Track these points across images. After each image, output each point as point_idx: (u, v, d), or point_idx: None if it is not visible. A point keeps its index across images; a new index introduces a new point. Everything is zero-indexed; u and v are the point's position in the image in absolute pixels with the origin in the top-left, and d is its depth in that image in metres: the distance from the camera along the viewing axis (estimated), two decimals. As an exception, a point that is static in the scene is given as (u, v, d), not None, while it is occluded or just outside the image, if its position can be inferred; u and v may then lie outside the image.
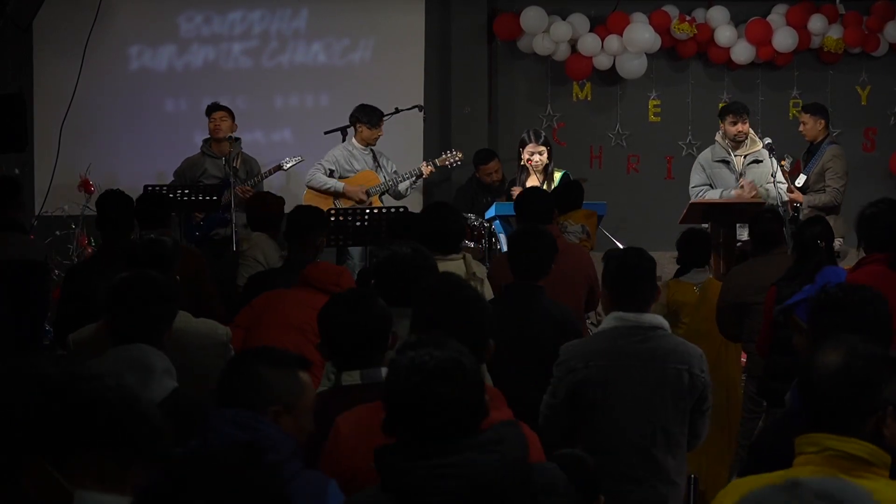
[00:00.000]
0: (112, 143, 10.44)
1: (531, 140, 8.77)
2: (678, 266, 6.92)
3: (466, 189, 10.03)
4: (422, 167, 9.42)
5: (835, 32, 10.98)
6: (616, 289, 4.48)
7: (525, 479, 2.60)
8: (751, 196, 8.58)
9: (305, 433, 3.06)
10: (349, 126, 9.51)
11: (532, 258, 5.33)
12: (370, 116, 9.36)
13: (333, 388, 3.71)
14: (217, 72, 10.68)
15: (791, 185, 8.97)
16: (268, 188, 9.41)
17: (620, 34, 10.70)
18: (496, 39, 10.99)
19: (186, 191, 8.63)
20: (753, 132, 9.03)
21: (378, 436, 3.20)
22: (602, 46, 10.78)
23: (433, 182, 10.47)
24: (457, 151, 9.50)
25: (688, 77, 11.17)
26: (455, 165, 9.53)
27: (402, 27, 10.82)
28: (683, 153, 11.07)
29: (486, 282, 5.91)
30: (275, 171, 9.37)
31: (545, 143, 8.82)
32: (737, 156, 8.92)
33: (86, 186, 9.63)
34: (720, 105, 10.83)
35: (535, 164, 8.67)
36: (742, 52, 10.91)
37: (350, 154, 9.36)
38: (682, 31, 10.78)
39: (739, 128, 8.89)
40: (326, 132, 9.76)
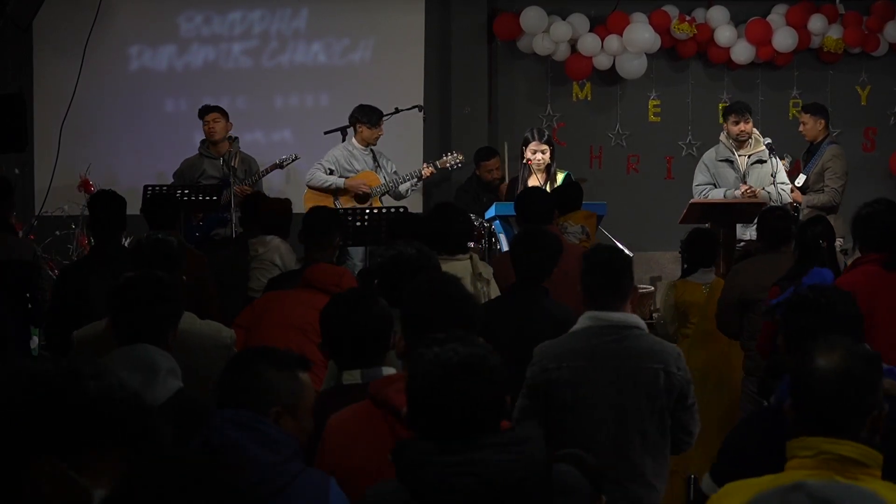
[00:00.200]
0: (112, 143, 10.44)
1: (534, 138, 8.74)
2: (684, 266, 6.91)
3: (466, 189, 10.02)
4: (422, 169, 9.42)
5: (835, 32, 10.98)
6: (590, 288, 4.43)
7: (543, 482, 2.58)
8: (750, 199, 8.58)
9: (306, 433, 3.06)
10: (349, 126, 9.51)
11: (535, 259, 5.33)
12: (370, 116, 9.35)
13: (333, 388, 3.72)
14: (217, 72, 10.68)
15: (792, 185, 8.97)
16: (267, 187, 9.43)
17: (620, 34, 10.70)
18: (496, 39, 10.99)
19: (186, 191, 8.63)
20: (758, 132, 9.02)
21: (367, 434, 3.21)
22: (602, 46, 10.78)
23: (433, 182, 10.47)
24: (458, 153, 9.49)
25: (688, 77, 11.17)
26: (456, 167, 9.52)
27: (402, 27, 10.82)
28: (683, 153, 11.07)
29: (493, 282, 5.91)
30: (273, 169, 9.36)
31: (548, 143, 8.80)
32: (740, 155, 8.91)
33: (86, 186, 9.63)
34: (720, 105, 10.85)
35: (538, 163, 8.65)
36: (742, 52, 10.90)
37: (350, 154, 9.35)
38: (682, 31, 10.77)
39: (742, 127, 8.89)
40: (326, 132, 9.76)
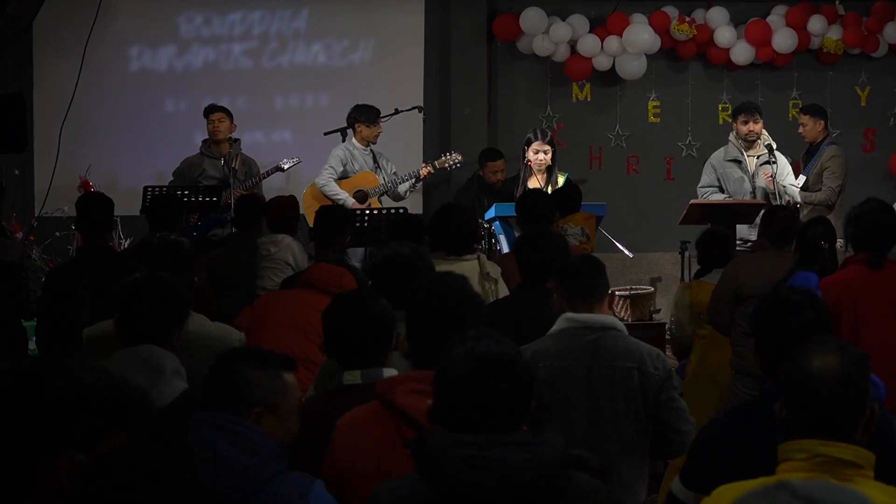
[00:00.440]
0: (112, 144, 10.44)
1: (537, 138, 8.69)
2: (699, 267, 6.89)
3: (467, 190, 10.02)
4: (420, 169, 9.42)
5: (834, 33, 10.98)
6: (565, 289, 4.45)
7: (558, 486, 2.59)
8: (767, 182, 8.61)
9: (291, 434, 3.07)
10: (348, 128, 9.51)
11: (539, 259, 5.32)
12: (367, 114, 9.36)
13: (335, 389, 3.72)
14: (217, 72, 10.68)
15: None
16: (267, 189, 9.42)
17: (620, 35, 10.71)
18: (496, 40, 10.99)
19: (186, 192, 8.62)
20: (766, 133, 9.00)
21: (375, 435, 3.21)
22: (602, 47, 10.78)
23: (433, 183, 10.47)
24: (456, 153, 9.49)
25: (687, 78, 11.17)
26: (454, 167, 9.52)
27: (402, 27, 10.82)
28: (683, 154, 11.07)
29: (501, 281, 5.91)
30: (273, 172, 9.37)
31: (550, 143, 8.78)
32: (749, 156, 8.90)
33: (86, 187, 9.61)
34: (720, 106, 10.85)
35: (539, 163, 8.62)
36: (742, 53, 10.90)
37: (350, 154, 9.35)
38: (682, 32, 10.78)
39: (751, 127, 8.87)
40: (326, 133, 9.76)
